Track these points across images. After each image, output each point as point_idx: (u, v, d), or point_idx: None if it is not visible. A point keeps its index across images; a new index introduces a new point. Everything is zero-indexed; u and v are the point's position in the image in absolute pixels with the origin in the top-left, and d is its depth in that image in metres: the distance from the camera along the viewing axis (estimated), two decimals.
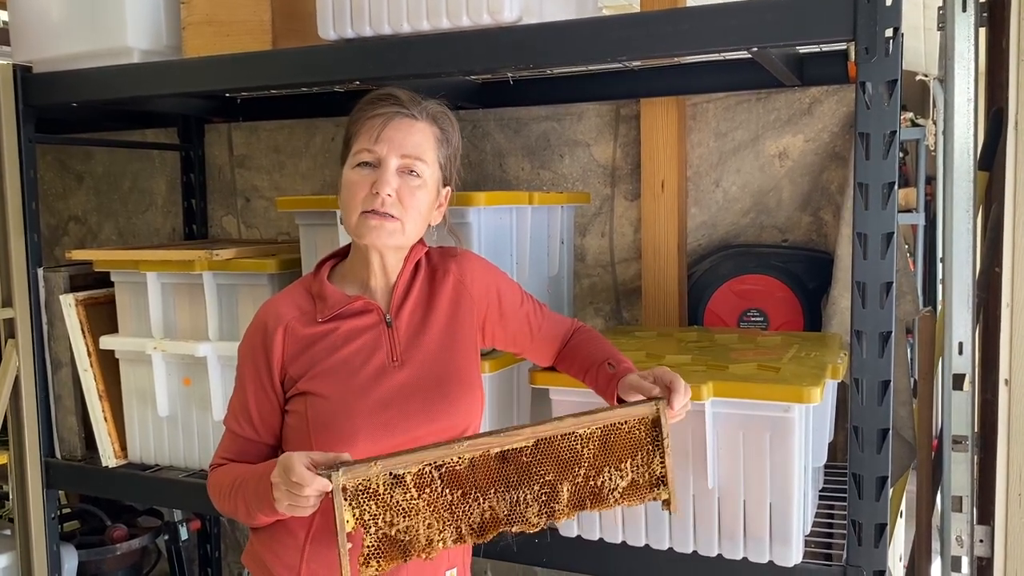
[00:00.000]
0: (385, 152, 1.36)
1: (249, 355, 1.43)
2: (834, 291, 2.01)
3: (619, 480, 1.32)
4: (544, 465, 1.29)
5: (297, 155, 2.64)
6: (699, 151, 2.21)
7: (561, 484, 1.29)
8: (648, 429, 1.32)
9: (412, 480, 1.23)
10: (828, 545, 1.69)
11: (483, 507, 1.27)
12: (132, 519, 2.66)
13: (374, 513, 1.22)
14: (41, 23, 2.13)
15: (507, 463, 1.27)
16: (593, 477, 1.31)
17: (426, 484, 1.24)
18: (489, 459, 1.27)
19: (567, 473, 1.30)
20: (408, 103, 1.39)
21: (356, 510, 1.21)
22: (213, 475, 1.45)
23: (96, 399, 2.20)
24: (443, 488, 1.25)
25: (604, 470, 1.31)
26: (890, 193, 1.41)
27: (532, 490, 1.29)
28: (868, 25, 1.38)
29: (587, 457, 1.30)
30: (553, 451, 1.29)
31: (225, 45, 1.94)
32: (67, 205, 3.03)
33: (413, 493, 1.23)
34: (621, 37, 1.56)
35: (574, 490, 1.30)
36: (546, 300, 1.94)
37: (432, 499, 1.25)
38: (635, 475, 1.32)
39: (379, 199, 1.35)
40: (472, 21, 1.65)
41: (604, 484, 1.31)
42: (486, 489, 1.27)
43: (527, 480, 1.28)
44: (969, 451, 1.75)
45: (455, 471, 1.25)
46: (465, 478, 1.26)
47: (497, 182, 2.39)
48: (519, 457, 1.28)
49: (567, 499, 1.30)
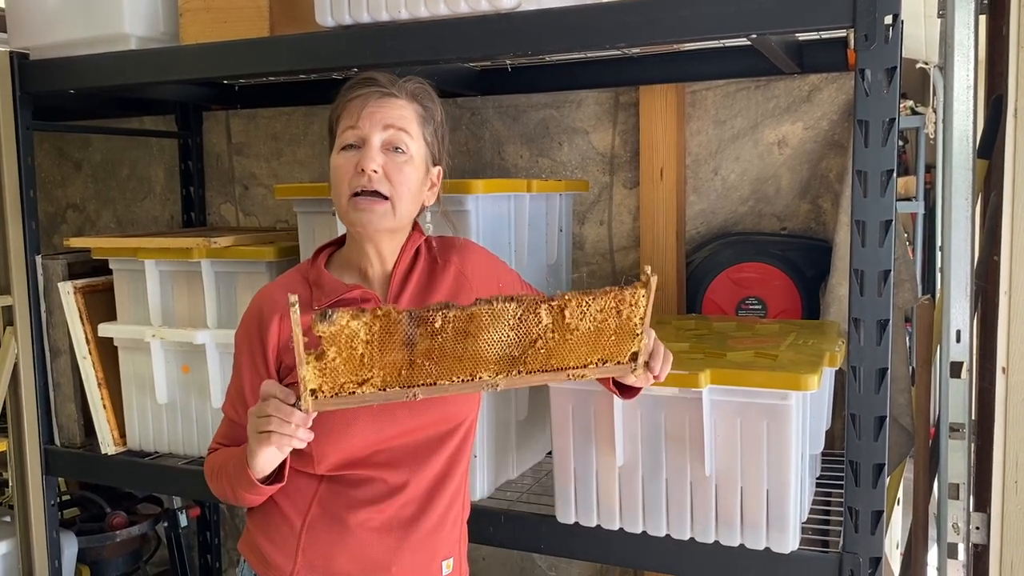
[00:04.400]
0: (367, 129, 1.35)
1: (245, 342, 1.43)
2: (832, 279, 2.01)
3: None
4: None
5: (295, 142, 2.64)
6: (698, 139, 2.21)
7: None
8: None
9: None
10: (825, 532, 1.69)
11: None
12: (132, 506, 2.67)
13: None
14: (38, 10, 2.12)
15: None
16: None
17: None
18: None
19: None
20: (386, 83, 1.39)
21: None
22: (207, 460, 1.46)
23: (95, 386, 2.21)
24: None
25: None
26: (888, 181, 1.41)
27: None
28: (867, 12, 1.38)
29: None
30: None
31: (222, 32, 1.93)
32: (65, 193, 3.03)
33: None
34: (619, 23, 1.55)
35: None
36: (545, 289, 1.94)
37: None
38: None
39: (365, 176, 1.34)
40: (470, 8, 1.64)
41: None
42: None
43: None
44: (966, 439, 1.76)
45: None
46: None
47: (496, 170, 2.39)
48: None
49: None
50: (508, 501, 1.85)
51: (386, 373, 1.18)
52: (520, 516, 1.77)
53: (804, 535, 1.62)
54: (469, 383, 1.22)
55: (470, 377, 1.22)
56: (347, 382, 1.17)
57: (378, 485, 1.39)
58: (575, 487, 1.69)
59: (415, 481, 1.41)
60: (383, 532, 1.40)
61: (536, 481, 1.97)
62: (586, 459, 1.67)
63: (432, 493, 1.43)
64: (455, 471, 1.45)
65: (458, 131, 2.39)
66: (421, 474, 1.41)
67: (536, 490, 1.91)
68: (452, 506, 1.46)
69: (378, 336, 1.15)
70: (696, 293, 2.17)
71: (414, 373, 1.19)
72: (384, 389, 1.19)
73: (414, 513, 1.42)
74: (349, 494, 1.40)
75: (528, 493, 1.89)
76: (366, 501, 1.39)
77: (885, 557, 1.54)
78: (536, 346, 1.22)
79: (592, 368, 1.27)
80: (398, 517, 1.41)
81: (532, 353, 1.22)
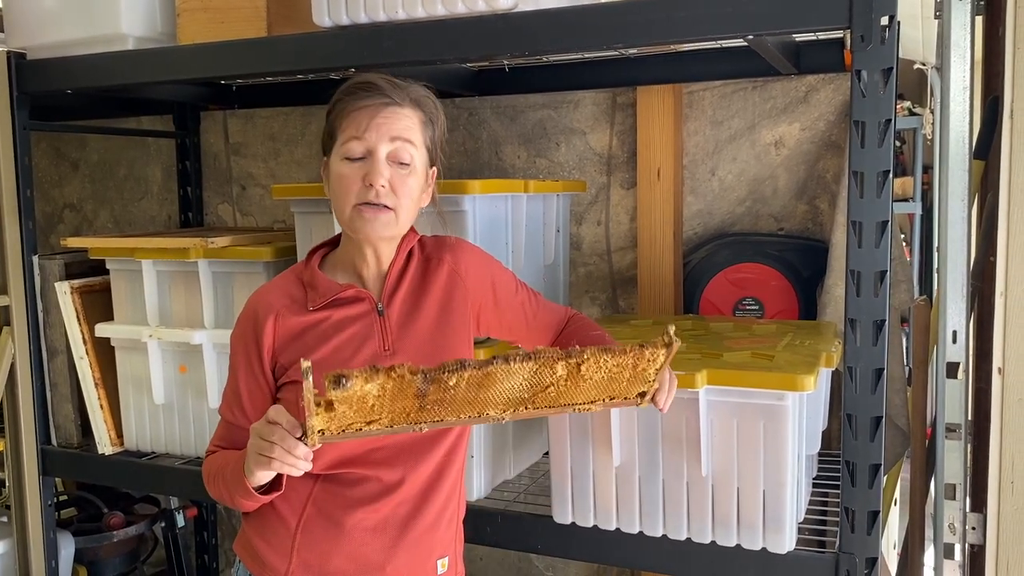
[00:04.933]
0: (374, 142, 1.36)
1: (240, 343, 1.43)
2: (829, 279, 2.02)
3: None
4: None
5: (293, 142, 2.63)
6: (695, 139, 2.21)
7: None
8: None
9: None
10: (821, 532, 1.70)
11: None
12: (129, 506, 2.67)
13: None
14: (35, 10, 2.12)
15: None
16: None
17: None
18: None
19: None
20: (390, 91, 1.38)
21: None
22: (205, 462, 1.46)
23: (92, 387, 2.20)
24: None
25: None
26: (885, 181, 1.41)
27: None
28: (864, 13, 1.38)
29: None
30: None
31: (220, 32, 1.93)
32: (62, 193, 3.03)
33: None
34: (617, 24, 1.55)
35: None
36: (542, 289, 1.94)
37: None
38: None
39: (373, 191, 1.35)
40: (467, 8, 1.65)
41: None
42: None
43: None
44: (962, 439, 1.76)
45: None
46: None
47: (493, 170, 2.39)
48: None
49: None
50: (505, 501, 1.85)
51: (394, 416, 1.18)
52: (517, 516, 1.77)
53: (801, 535, 1.62)
54: (475, 419, 1.23)
55: (477, 415, 1.22)
56: (355, 423, 1.17)
57: (373, 484, 1.40)
58: (572, 487, 1.69)
59: (410, 480, 1.41)
60: (378, 531, 1.40)
61: (533, 481, 1.97)
62: (583, 459, 1.67)
63: (427, 492, 1.43)
64: (450, 470, 1.45)
65: (455, 131, 2.39)
66: (416, 473, 1.41)
67: (533, 490, 1.91)
68: (447, 505, 1.46)
69: (390, 392, 1.14)
70: (693, 293, 2.17)
71: (422, 415, 1.20)
72: (391, 427, 1.19)
73: (409, 512, 1.42)
74: (344, 493, 1.40)
75: (525, 493, 1.90)
76: (361, 500, 1.40)
77: (882, 557, 1.54)
78: (547, 391, 1.22)
79: (599, 404, 1.28)
80: (393, 516, 1.41)
81: (542, 396, 1.23)
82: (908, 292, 2.04)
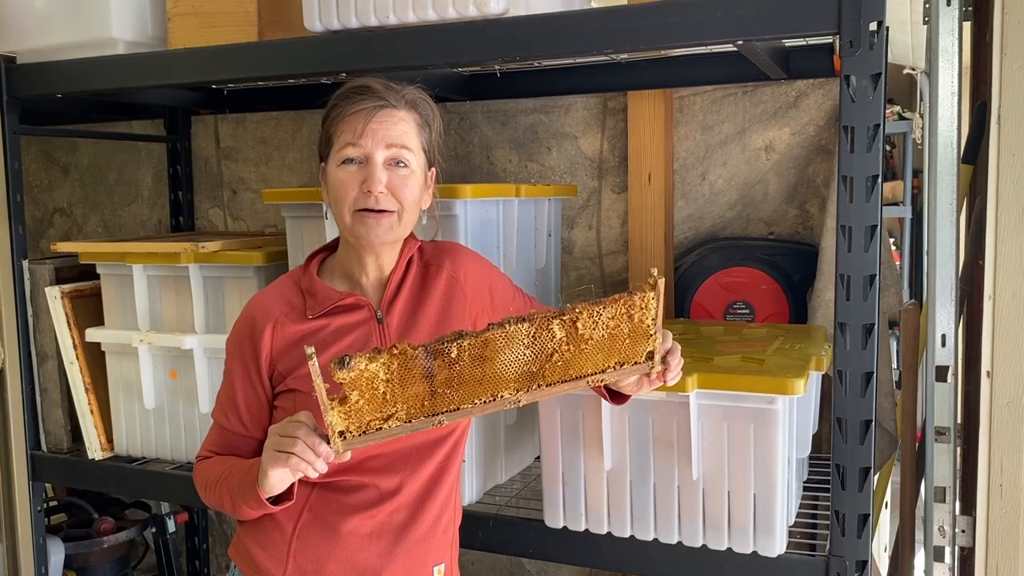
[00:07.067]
0: (371, 147, 1.36)
1: (237, 350, 1.43)
2: (819, 283, 2.02)
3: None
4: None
5: (284, 147, 2.63)
6: (686, 144, 2.21)
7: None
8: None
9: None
10: (812, 536, 1.70)
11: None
12: (119, 512, 2.65)
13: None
14: (25, 13, 2.11)
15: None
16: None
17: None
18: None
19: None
20: (385, 93, 1.38)
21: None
22: (199, 467, 1.45)
23: (82, 392, 2.20)
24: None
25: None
26: (874, 186, 1.42)
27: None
28: (852, 19, 1.39)
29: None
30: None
31: (211, 36, 1.93)
32: (52, 197, 3.02)
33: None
34: (607, 29, 1.56)
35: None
36: (534, 293, 1.94)
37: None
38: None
39: (372, 197, 1.35)
40: (458, 13, 1.65)
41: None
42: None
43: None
44: (952, 442, 1.76)
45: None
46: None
47: (484, 174, 2.39)
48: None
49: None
50: (497, 505, 1.85)
51: (409, 406, 1.19)
52: (509, 521, 1.77)
53: (791, 539, 1.62)
54: (492, 403, 1.23)
55: (492, 398, 1.22)
56: (373, 419, 1.18)
57: (370, 491, 1.40)
58: (563, 491, 1.69)
59: (407, 487, 1.41)
60: (374, 538, 1.40)
61: (525, 485, 1.97)
62: (574, 463, 1.67)
63: (423, 499, 1.43)
64: (446, 477, 1.45)
65: (447, 136, 2.39)
66: (413, 480, 1.41)
67: (525, 494, 1.91)
68: (443, 512, 1.46)
69: (397, 373, 1.16)
70: (684, 297, 2.18)
71: (437, 402, 1.20)
72: (410, 421, 1.20)
73: (405, 519, 1.42)
74: (341, 500, 1.40)
75: (517, 497, 1.90)
76: (358, 507, 1.39)
77: (873, 560, 1.55)
78: (553, 360, 1.23)
79: (611, 372, 1.28)
80: (389, 523, 1.41)
81: (550, 367, 1.23)
82: (897, 296, 2.05)
